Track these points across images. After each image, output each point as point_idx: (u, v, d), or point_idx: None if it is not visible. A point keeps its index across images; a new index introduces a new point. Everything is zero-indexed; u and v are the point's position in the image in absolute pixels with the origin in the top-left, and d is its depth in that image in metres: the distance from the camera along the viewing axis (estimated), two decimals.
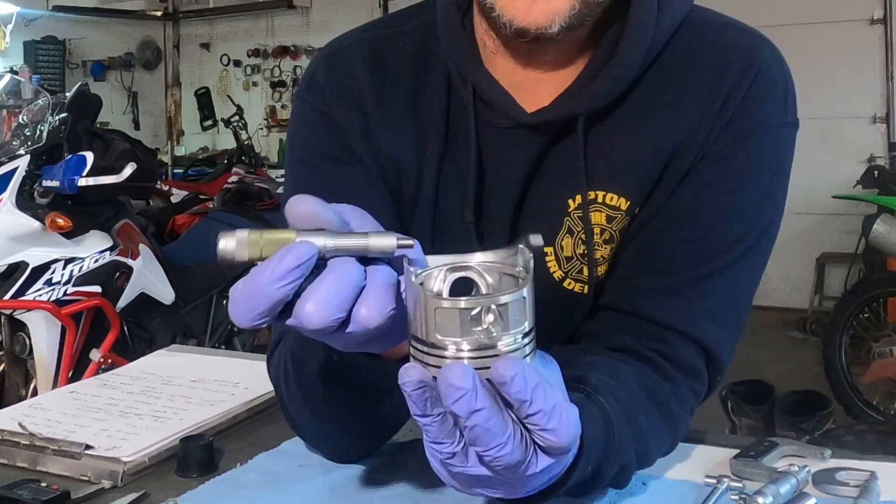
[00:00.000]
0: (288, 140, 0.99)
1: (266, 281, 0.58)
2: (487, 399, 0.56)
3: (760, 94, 0.88)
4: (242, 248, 0.59)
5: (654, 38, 0.86)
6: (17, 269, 2.90)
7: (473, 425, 0.57)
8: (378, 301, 0.59)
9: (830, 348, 4.08)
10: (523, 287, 0.57)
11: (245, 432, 1.06)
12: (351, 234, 0.60)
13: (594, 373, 0.78)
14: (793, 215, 6.02)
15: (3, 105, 3.58)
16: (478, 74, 0.89)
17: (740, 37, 0.90)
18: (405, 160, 0.93)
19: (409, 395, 0.58)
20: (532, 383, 0.56)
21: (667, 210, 0.88)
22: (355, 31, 1.00)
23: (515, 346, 0.57)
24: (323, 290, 0.58)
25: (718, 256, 0.87)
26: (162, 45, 9.36)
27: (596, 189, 0.89)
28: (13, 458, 0.97)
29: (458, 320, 0.56)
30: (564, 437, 0.59)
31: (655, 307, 0.87)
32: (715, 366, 0.89)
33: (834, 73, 5.94)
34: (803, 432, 3.07)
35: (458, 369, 0.56)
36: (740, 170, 0.88)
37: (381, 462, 0.91)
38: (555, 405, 0.58)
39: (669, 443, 0.87)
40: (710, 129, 0.87)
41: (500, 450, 0.58)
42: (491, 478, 0.62)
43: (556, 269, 0.92)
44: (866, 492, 0.79)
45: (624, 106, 0.88)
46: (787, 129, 0.90)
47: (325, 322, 0.59)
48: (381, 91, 0.94)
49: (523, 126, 0.89)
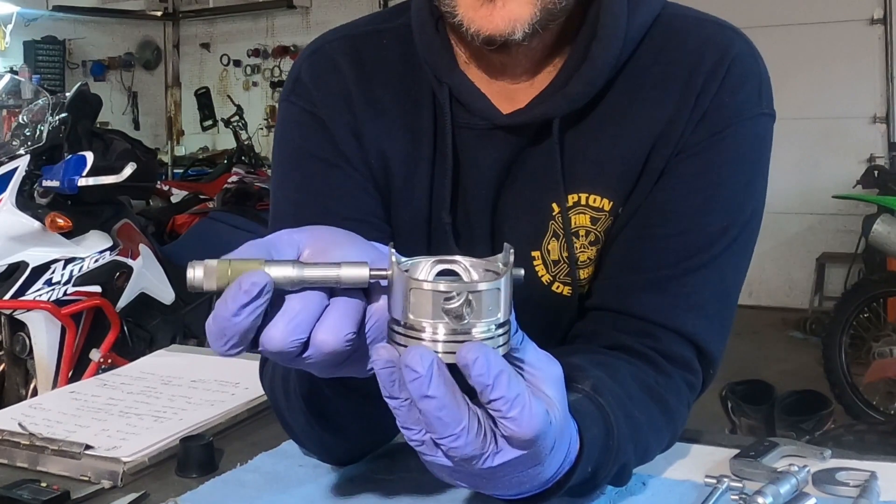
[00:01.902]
0: (275, 143, 0.98)
1: (225, 314, 0.58)
2: (442, 388, 0.56)
3: (734, 86, 0.88)
4: (210, 279, 0.59)
5: (627, 38, 0.87)
6: (17, 269, 2.90)
7: (425, 411, 0.57)
8: (335, 325, 0.60)
9: (830, 348, 4.08)
10: (500, 279, 0.57)
11: (245, 432, 1.06)
12: (323, 264, 0.60)
13: (591, 372, 0.78)
14: (793, 215, 6.04)
15: (3, 105, 3.58)
16: (453, 77, 0.90)
17: (713, 31, 0.90)
18: (394, 159, 0.93)
19: (378, 375, 0.59)
20: (496, 369, 0.56)
21: (647, 207, 0.89)
22: (336, 29, 1.00)
23: (489, 334, 0.57)
24: (284, 314, 0.59)
25: (701, 251, 0.87)
26: (162, 45, 9.36)
27: (579, 191, 0.90)
28: (13, 458, 0.97)
29: (431, 302, 0.56)
30: (526, 427, 0.58)
31: (642, 304, 0.87)
32: (706, 359, 0.89)
33: (834, 73, 5.95)
34: (803, 432, 3.06)
35: (418, 352, 0.56)
36: (718, 163, 0.88)
37: (381, 462, 0.91)
38: (518, 394, 0.57)
39: (669, 438, 0.87)
40: (685, 125, 0.88)
41: (454, 440, 0.58)
42: (457, 470, 0.62)
43: (544, 272, 0.93)
44: (866, 492, 0.79)
45: (601, 107, 0.89)
46: (763, 119, 0.90)
47: (284, 345, 0.59)
48: (368, 88, 0.94)
49: (500, 127, 0.90)
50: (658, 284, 0.87)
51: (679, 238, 0.88)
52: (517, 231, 0.91)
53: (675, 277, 0.87)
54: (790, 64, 5.86)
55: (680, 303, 0.87)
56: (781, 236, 6.11)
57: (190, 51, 9.31)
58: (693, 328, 0.87)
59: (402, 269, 0.58)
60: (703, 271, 0.88)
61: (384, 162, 0.93)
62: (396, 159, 0.93)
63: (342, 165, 0.93)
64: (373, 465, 0.91)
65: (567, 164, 0.90)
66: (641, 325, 0.87)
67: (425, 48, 0.91)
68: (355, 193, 0.93)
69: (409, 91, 0.94)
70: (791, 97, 5.75)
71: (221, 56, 9.04)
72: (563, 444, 0.66)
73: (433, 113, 0.92)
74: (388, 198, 0.94)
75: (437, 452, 0.60)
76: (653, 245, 0.88)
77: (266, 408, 1.11)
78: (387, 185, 0.94)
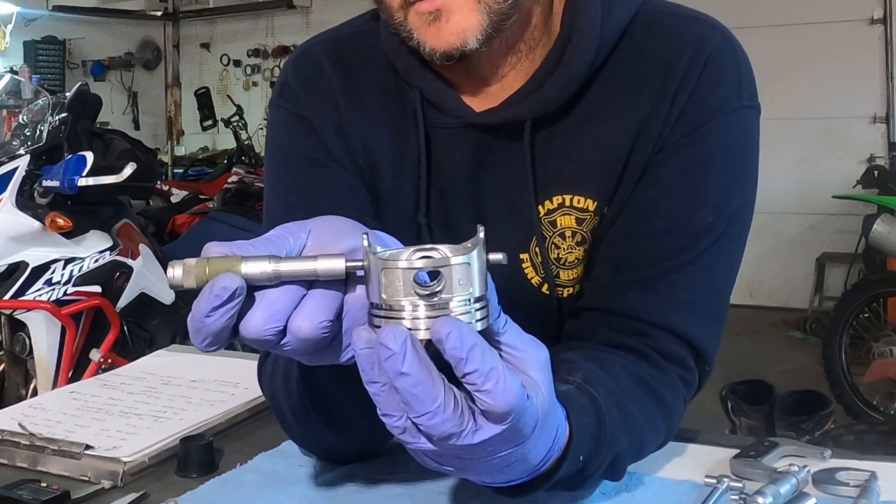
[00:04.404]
0: (266, 147, 1.00)
1: (199, 314, 0.60)
2: (416, 364, 0.57)
3: (712, 81, 0.88)
4: (189, 277, 0.61)
5: (602, 40, 0.87)
6: (17, 269, 2.90)
7: (401, 389, 0.57)
8: (310, 312, 0.61)
9: (830, 348, 4.07)
10: (469, 252, 0.58)
11: (245, 432, 1.06)
12: (299, 258, 0.62)
13: (583, 365, 0.78)
14: (793, 215, 6.04)
15: (3, 105, 3.59)
16: (423, 80, 0.91)
17: (690, 26, 0.90)
18: (381, 158, 0.94)
19: (358, 358, 0.59)
20: (469, 343, 0.56)
21: (631, 206, 0.89)
22: (323, 32, 1.01)
23: (466, 309, 0.58)
24: (262, 304, 0.61)
25: (688, 247, 0.87)
26: (162, 45, 9.36)
27: (562, 193, 0.90)
28: (13, 458, 0.97)
29: (402, 279, 0.57)
30: (501, 399, 0.58)
31: (631, 304, 0.87)
32: (701, 357, 0.89)
33: (834, 73, 5.94)
34: (803, 432, 3.06)
35: (392, 330, 0.57)
36: (699, 159, 0.88)
37: (381, 462, 0.91)
38: (492, 367, 0.58)
39: (665, 432, 0.87)
40: (664, 122, 0.88)
41: (431, 418, 0.58)
42: (442, 454, 0.62)
43: (533, 274, 0.93)
44: (866, 492, 0.79)
45: (580, 107, 0.89)
46: (746, 112, 0.89)
47: (262, 332, 0.61)
48: (353, 88, 0.95)
49: (472, 126, 0.90)
50: (646, 283, 0.87)
51: (664, 236, 0.87)
52: (503, 234, 0.91)
53: (663, 275, 0.87)
54: (790, 64, 5.87)
55: (670, 301, 0.87)
56: (781, 236, 6.11)
57: (190, 51, 9.31)
58: (684, 326, 0.87)
59: (375, 255, 0.59)
60: (691, 268, 0.87)
61: (371, 161, 0.94)
62: (384, 158, 0.94)
63: (331, 165, 0.94)
64: (372, 465, 0.91)
65: (548, 165, 0.90)
66: (633, 324, 0.87)
67: (394, 53, 0.92)
68: (345, 193, 0.93)
69: (392, 90, 0.95)
70: (791, 97, 5.76)
71: (221, 56, 9.05)
72: (550, 428, 0.66)
73: (415, 112, 0.93)
74: (377, 197, 0.95)
75: (419, 438, 0.61)
76: (638, 244, 0.88)
77: (266, 408, 1.11)
78: (375, 185, 0.95)
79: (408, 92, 0.93)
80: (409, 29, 0.83)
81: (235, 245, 0.62)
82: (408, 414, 0.59)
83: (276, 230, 0.65)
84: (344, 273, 0.61)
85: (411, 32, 0.83)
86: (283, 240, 0.63)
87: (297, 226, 0.65)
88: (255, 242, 0.63)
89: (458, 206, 0.93)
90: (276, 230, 0.65)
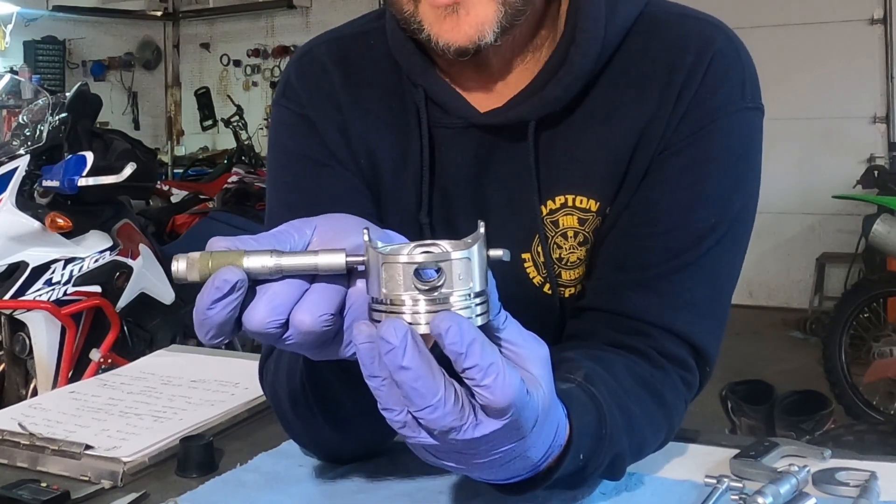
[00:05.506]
0: (269, 146, 1.00)
1: (202, 307, 0.61)
2: (417, 358, 0.57)
3: (716, 82, 0.88)
4: (192, 270, 0.61)
5: (606, 41, 0.87)
6: (17, 269, 2.90)
7: (401, 383, 0.57)
8: (312, 306, 0.61)
9: (830, 348, 4.07)
10: (470, 247, 0.58)
11: (245, 432, 1.06)
12: (300, 252, 0.62)
13: (583, 363, 0.78)
14: (793, 215, 6.04)
15: (3, 105, 3.58)
16: (428, 79, 0.91)
17: (694, 26, 0.90)
18: (383, 158, 0.94)
19: (359, 352, 0.60)
20: (469, 338, 0.57)
21: (633, 206, 0.89)
22: (326, 32, 1.01)
23: (466, 304, 0.58)
24: (265, 297, 0.61)
25: (690, 248, 0.87)
26: (162, 45, 9.36)
27: (565, 193, 0.90)
28: (13, 458, 0.97)
29: (402, 274, 0.58)
30: (500, 395, 0.58)
31: (633, 304, 0.87)
32: (701, 358, 0.89)
33: (834, 73, 5.94)
34: (803, 432, 3.06)
35: (392, 324, 0.57)
36: (701, 160, 0.88)
37: (381, 462, 0.91)
38: (492, 363, 0.58)
39: (666, 433, 0.87)
40: (667, 122, 0.88)
41: (432, 411, 0.58)
42: (442, 449, 0.62)
43: (535, 274, 0.93)
44: (866, 492, 0.79)
45: (583, 107, 0.89)
46: (749, 114, 0.89)
47: (264, 325, 0.61)
48: (355, 88, 0.95)
49: (476, 126, 0.90)
50: (647, 283, 0.87)
51: (666, 236, 0.87)
52: (505, 233, 0.91)
53: (665, 276, 0.87)
54: (790, 64, 5.86)
55: (671, 301, 0.87)
56: (781, 236, 6.11)
57: (190, 51, 9.30)
58: (685, 326, 0.87)
59: (375, 250, 0.59)
60: (693, 269, 0.87)
61: (373, 161, 0.94)
62: (385, 158, 0.94)
63: (333, 165, 0.94)
64: (373, 465, 0.91)
65: (551, 165, 0.90)
66: (634, 324, 0.87)
67: (398, 52, 0.92)
68: (347, 192, 0.93)
69: (395, 90, 0.95)
70: (791, 97, 5.76)
71: (221, 56, 9.04)
72: (551, 425, 0.66)
73: (417, 112, 0.93)
74: (378, 197, 0.95)
75: (419, 432, 0.61)
76: (640, 244, 0.88)
77: (266, 408, 1.11)
78: (376, 185, 0.95)
79: (411, 92, 0.93)
80: (419, 21, 0.83)
81: (239, 240, 0.63)
82: (408, 408, 0.59)
83: (282, 227, 0.65)
84: (344, 267, 0.61)
85: (422, 25, 0.82)
86: (288, 236, 0.64)
87: (302, 223, 0.65)
88: (259, 238, 0.64)
89: (460, 205, 0.93)
90: (282, 227, 0.65)
